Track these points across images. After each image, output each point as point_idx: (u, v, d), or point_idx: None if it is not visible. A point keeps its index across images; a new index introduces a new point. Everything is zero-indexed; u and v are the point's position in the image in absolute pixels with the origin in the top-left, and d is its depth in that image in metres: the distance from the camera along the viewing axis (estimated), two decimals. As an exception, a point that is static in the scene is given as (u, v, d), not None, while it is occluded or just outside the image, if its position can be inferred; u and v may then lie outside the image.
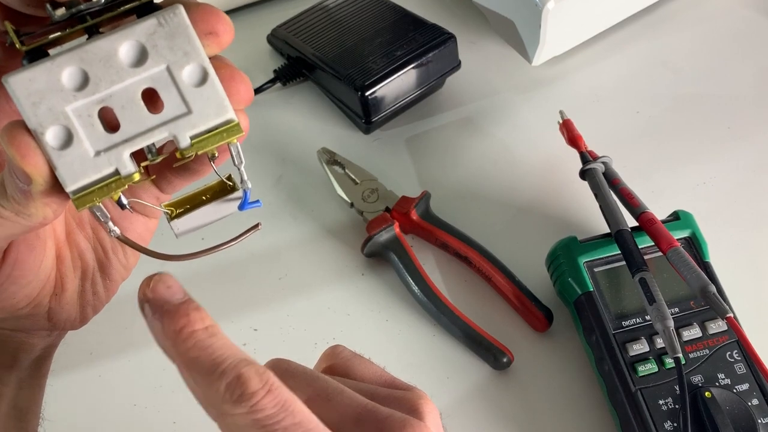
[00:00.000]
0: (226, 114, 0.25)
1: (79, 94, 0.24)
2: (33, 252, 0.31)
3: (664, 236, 0.46)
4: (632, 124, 0.62)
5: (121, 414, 0.48)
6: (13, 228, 0.27)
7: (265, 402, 0.22)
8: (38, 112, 0.24)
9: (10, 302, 0.31)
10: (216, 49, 0.26)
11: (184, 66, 0.25)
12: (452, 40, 0.61)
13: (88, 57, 0.24)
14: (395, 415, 0.25)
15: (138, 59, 0.24)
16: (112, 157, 0.25)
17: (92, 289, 0.35)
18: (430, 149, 0.61)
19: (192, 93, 0.25)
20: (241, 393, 0.22)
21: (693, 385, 0.43)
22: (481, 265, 0.51)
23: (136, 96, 0.25)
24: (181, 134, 0.25)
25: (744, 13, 0.70)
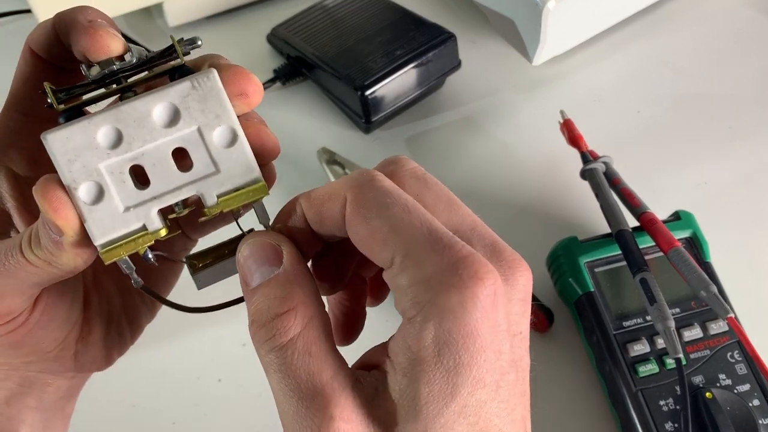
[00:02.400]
0: (252, 174, 0.26)
1: (112, 152, 0.25)
2: (62, 297, 0.31)
3: (664, 236, 0.46)
4: (633, 124, 0.62)
5: (121, 414, 0.48)
6: (44, 276, 0.27)
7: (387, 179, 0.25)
8: (73, 168, 0.25)
9: (40, 346, 0.32)
10: (246, 109, 0.26)
11: (215, 128, 0.26)
12: (452, 40, 0.61)
13: (123, 117, 0.25)
14: (503, 243, 0.25)
15: (171, 120, 0.25)
16: (141, 214, 0.25)
17: (117, 331, 0.35)
18: (430, 149, 0.61)
19: (221, 154, 0.26)
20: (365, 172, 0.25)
21: (694, 386, 0.43)
22: (482, 265, 0.51)
23: (167, 155, 0.25)
24: (208, 192, 0.26)
25: (745, 13, 0.70)
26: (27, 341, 0.31)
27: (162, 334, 0.49)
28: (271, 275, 0.25)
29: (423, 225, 0.23)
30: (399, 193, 0.24)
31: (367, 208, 0.24)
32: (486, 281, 0.22)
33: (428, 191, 0.26)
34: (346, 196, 0.25)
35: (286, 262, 0.25)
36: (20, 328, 0.30)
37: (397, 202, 0.24)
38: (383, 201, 0.24)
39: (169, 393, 0.48)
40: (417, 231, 0.23)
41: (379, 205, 0.24)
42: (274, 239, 0.26)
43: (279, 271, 0.25)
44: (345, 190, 0.25)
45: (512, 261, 0.25)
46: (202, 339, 0.49)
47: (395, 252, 0.23)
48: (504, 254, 0.25)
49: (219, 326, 0.44)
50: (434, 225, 0.24)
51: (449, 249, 0.23)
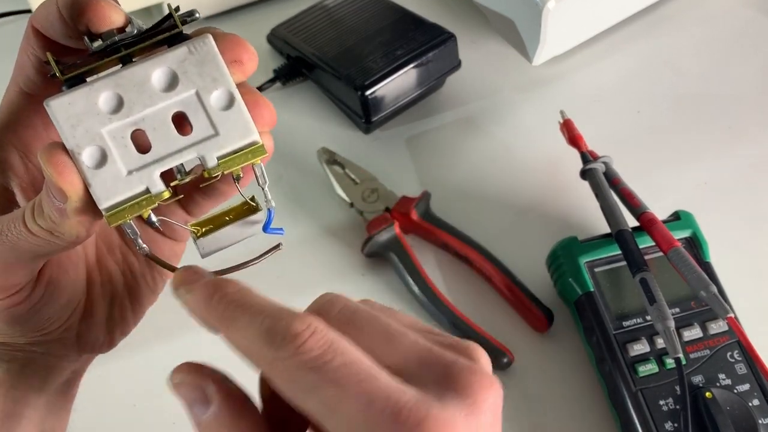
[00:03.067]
0: (251, 136, 0.27)
1: (114, 116, 0.26)
2: (66, 274, 0.32)
3: (664, 236, 0.46)
4: (633, 124, 0.62)
5: (121, 414, 0.48)
6: (46, 247, 0.27)
7: (310, 343, 0.22)
8: (76, 133, 0.25)
9: (43, 324, 0.32)
10: (241, 77, 0.27)
11: (212, 91, 0.26)
12: (452, 40, 0.61)
13: (123, 82, 0.26)
14: (461, 361, 0.23)
15: (169, 84, 0.26)
16: (144, 176, 0.26)
17: (120, 313, 0.35)
18: (430, 149, 0.61)
19: (219, 116, 0.26)
20: (284, 336, 0.22)
21: (694, 386, 0.43)
22: (482, 265, 0.51)
23: (167, 119, 0.26)
24: (209, 155, 0.26)
25: (745, 13, 0.70)
26: (31, 318, 0.31)
27: (162, 334, 0.50)
28: (203, 415, 0.24)
29: (360, 400, 0.21)
30: (328, 361, 0.21)
31: (295, 390, 0.22)
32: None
33: (362, 335, 0.23)
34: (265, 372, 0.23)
35: (213, 405, 0.24)
36: (24, 302, 0.30)
37: (326, 377, 0.21)
38: (310, 381, 0.21)
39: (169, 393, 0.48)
40: (354, 412, 0.21)
41: (307, 388, 0.22)
42: (197, 378, 0.25)
43: (210, 413, 0.24)
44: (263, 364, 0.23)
45: (472, 387, 0.22)
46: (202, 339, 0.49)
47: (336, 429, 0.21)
48: (461, 382, 0.22)
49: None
50: (374, 392, 0.21)
51: (395, 423, 0.21)
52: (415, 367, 0.23)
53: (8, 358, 0.33)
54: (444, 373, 0.23)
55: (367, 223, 0.54)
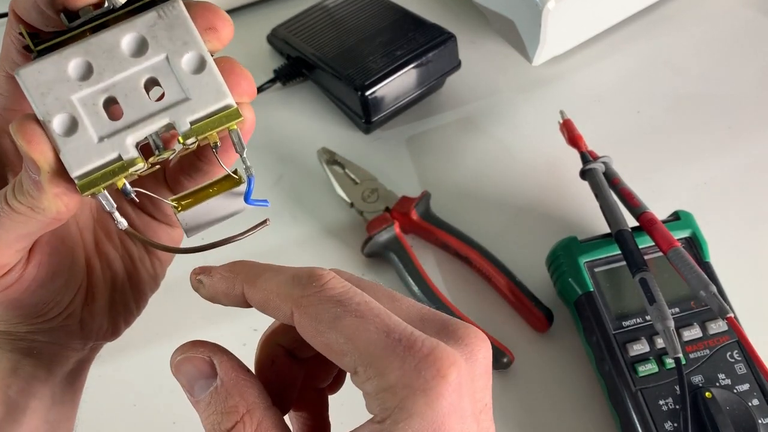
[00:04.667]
0: (224, 99, 0.26)
1: (84, 83, 0.25)
2: (58, 255, 0.32)
3: (664, 236, 0.46)
4: (633, 124, 0.62)
5: (121, 414, 0.48)
6: (30, 225, 0.27)
7: (333, 282, 0.24)
8: (46, 101, 0.25)
9: (42, 309, 0.32)
10: (217, 45, 0.26)
11: (183, 54, 0.26)
12: (452, 40, 0.61)
13: (93, 49, 0.25)
14: (457, 321, 0.25)
15: (139, 50, 0.26)
16: (115, 143, 0.25)
17: (122, 300, 0.35)
18: (430, 149, 0.61)
19: (191, 80, 0.26)
20: (309, 277, 0.25)
21: (693, 386, 0.43)
22: (482, 265, 0.51)
23: (138, 85, 0.26)
24: (181, 120, 0.26)
25: (745, 13, 0.69)
26: (27, 301, 0.31)
27: (162, 334, 0.50)
28: (210, 387, 0.25)
29: (379, 329, 0.23)
30: (349, 297, 0.24)
31: (319, 322, 0.24)
32: (449, 377, 0.23)
33: (370, 293, 0.26)
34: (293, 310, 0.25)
35: (221, 374, 0.25)
36: (16, 284, 0.30)
37: (349, 309, 0.24)
38: (334, 312, 0.24)
39: (169, 393, 0.48)
40: (373, 338, 0.23)
41: (331, 318, 0.24)
42: (204, 351, 0.26)
43: (216, 384, 0.25)
44: (291, 304, 0.25)
45: (468, 338, 0.25)
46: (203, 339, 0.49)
47: (356, 363, 0.23)
48: (458, 333, 0.25)
49: (219, 326, 0.44)
50: (390, 324, 0.24)
51: (409, 350, 0.23)
52: (417, 322, 0.25)
53: (10, 348, 0.33)
54: (442, 326, 0.25)
55: (367, 223, 0.54)
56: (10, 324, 0.32)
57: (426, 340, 0.23)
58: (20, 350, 0.33)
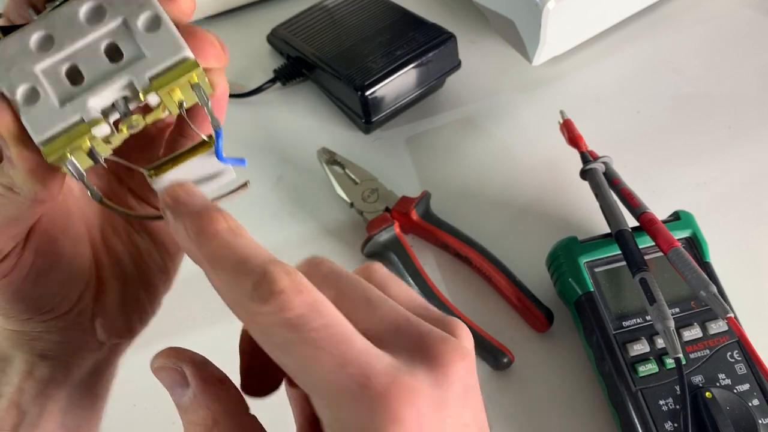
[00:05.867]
0: (181, 52, 0.26)
1: (45, 54, 0.26)
2: (58, 245, 0.32)
3: (664, 236, 0.46)
4: (633, 124, 0.62)
5: (121, 414, 0.48)
6: (12, 207, 0.27)
7: (295, 302, 0.21)
8: (10, 75, 0.26)
9: (50, 303, 0.32)
10: (178, 14, 0.27)
11: (139, 15, 0.26)
12: (452, 40, 0.61)
13: (53, 23, 0.26)
14: (436, 331, 0.23)
15: (97, 17, 0.26)
16: (77, 106, 0.26)
17: (133, 295, 0.35)
18: (430, 149, 0.61)
19: (148, 38, 0.26)
20: (270, 291, 0.21)
21: (693, 386, 0.43)
22: (482, 265, 0.51)
23: (98, 50, 0.26)
24: (140, 76, 0.26)
25: (745, 13, 0.69)
26: (28, 291, 0.31)
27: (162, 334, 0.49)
28: (184, 396, 0.25)
29: (334, 361, 0.21)
30: (305, 322, 0.21)
31: (270, 343, 0.22)
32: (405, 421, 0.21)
33: (343, 297, 0.24)
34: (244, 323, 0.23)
35: (192, 385, 0.24)
36: (14, 271, 0.30)
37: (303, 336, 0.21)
38: (286, 338, 0.21)
39: (169, 393, 0.48)
40: (326, 371, 0.21)
41: (282, 343, 0.22)
42: (175, 361, 0.25)
43: (188, 396, 0.24)
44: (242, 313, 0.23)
45: (443, 354, 0.22)
46: (203, 338, 0.49)
47: (309, 391, 0.22)
48: (431, 349, 0.23)
49: (219, 326, 0.44)
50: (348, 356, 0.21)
51: (363, 388, 0.21)
52: (390, 334, 0.23)
53: (26, 349, 0.33)
54: (417, 342, 0.23)
55: (367, 223, 0.54)
56: (22, 321, 0.32)
57: (383, 375, 0.21)
58: (36, 351, 0.33)
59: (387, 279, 0.27)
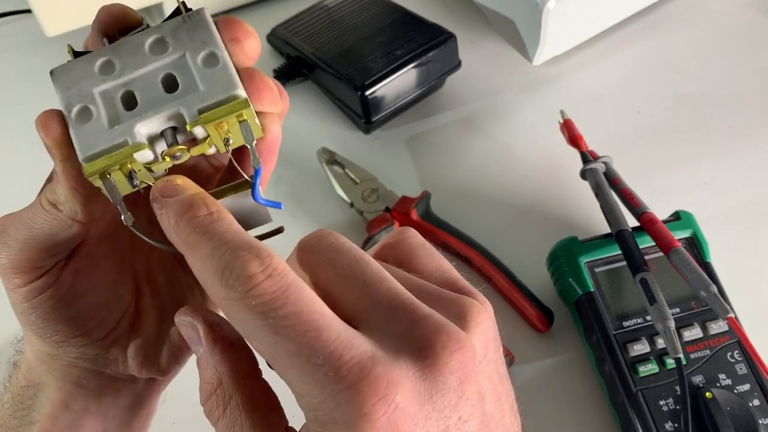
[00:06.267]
0: (233, 89, 0.26)
1: (106, 78, 0.27)
2: (98, 268, 0.32)
3: (665, 236, 0.46)
4: (633, 123, 0.62)
5: (121, 414, 0.48)
6: (54, 224, 0.28)
7: (262, 287, 0.21)
8: (69, 94, 0.27)
9: (85, 327, 0.31)
10: (242, 56, 0.27)
11: (201, 51, 0.27)
12: (452, 40, 0.61)
13: (120, 50, 0.27)
14: (433, 318, 0.22)
15: (160, 48, 0.27)
16: (125, 129, 0.26)
17: (170, 332, 0.34)
18: (430, 149, 0.61)
19: (204, 73, 0.27)
20: (238, 276, 0.21)
21: (694, 386, 0.43)
22: (482, 266, 0.51)
23: (155, 80, 0.27)
24: (189, 108, 0.26)
25: (745, 13, 0.70)
26: (64, 311, 0.31)
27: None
28: (198, 353, 0.25)
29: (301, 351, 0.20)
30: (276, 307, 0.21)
31: (241, 329, 0.22)
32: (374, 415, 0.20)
33: (337, 276, 0.23)
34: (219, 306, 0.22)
35: (203, 344, 0.24)
36: (52, 289, 0.30)
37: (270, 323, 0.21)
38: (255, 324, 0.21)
39: (169, 393, 0.48)
40: (293, 361, 0.20)
41: (251, 330, 0.21)
42: (191, 317, 0.25)
43: (200, 354, 0.25)
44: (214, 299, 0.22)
45: (434, 343, 0.21)
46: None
47: (283, 379, 0.21)
48: (422, 336, 0.21)
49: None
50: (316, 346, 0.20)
51: (332, 378, 0.20)
52: (382, 318, 0.22)
53: (60, 374, 0.32)
54: (408, 328, 0.22)
55: (367, 223, 0.54)
56: (56, 342, 0.31)
57: (354, 368, 0.20)
58: (71, 379, 0.32)
59: (416, 249, 0.26)
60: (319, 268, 0.23)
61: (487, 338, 0.23)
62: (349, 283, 0.23)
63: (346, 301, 0.23)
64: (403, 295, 0.23)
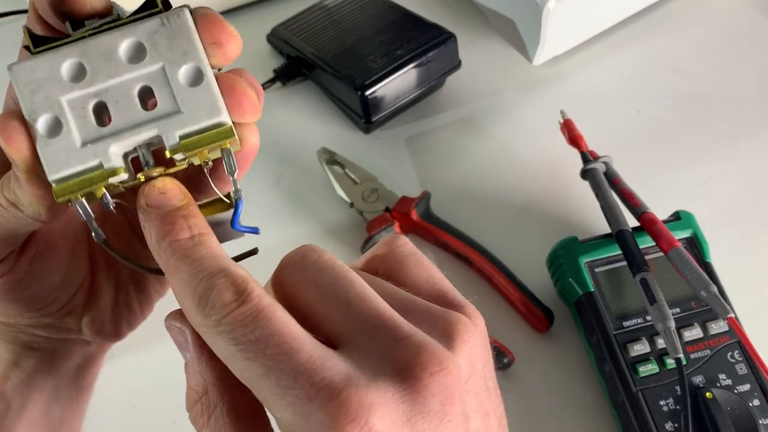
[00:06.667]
0: (218, 116, 0.25)
1: (75, 85, 0.24)
2: (54, 251, 0.31)
3: (665, 236, 0.46)
4: (633, 123, 0.62)
5: (121, 414, 0.48)
6: (14, 222, 0.27)
7: (234, 315, 0.21)
8: (34, 99, 0.24)
9: (41, 303, 0.32)
10: (222, 60, 0.25)
11: (181, 65, 0.25)
12: (452, 40, 0.61)
13: (89, 51, 0.24)
14: (415, 338, 0.21)
15: (136, 56, 0.25)
16: (98, 150, 0.24)
17: (126, 301, 0.35)
18: (430, 149, 0.61)
19: (186, 92, 0.25)
20: (213, 305, 0.21)
21: (694, 386, 0.43)
22: (482, 266, 0.51)
23: (131, 93, 0.25)
24: (170, 132, 0.24)
25: (745, 13, 0.69)
26: (22, 293, 0.31)
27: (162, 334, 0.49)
28: (186, 359, 0.25)
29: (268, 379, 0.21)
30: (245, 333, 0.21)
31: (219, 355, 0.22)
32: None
33: (318, 294, 0.23)
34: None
35: (190, 349, 0.24)
36: (8, 275, 0.30)
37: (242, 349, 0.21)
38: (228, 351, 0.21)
39: (169, 393, 0.48)
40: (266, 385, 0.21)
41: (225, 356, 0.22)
42: (180, 322, 0.24)
43: (187, 360, 0.24)
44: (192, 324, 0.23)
45: (414, 364, 0.21)
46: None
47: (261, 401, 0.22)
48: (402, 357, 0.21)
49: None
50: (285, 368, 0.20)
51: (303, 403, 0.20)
52: (364, 337, 0.22)
53: (11, 339, 0.33)
54: (389, 348, 0.21)
55: (367, 223, 0.54)
56: (8, 315, 0.32)
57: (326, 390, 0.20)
58: (22, 343, 0.33)
59: (405, 259, 0.26)
60: (302, 287, 0.23)
61: (474, 355, 0.23)
62: (331, 303, 0.23)
63: (329, 321, 0.23)
64: (385, 313, 0.22)
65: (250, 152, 0.27)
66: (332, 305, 0.23)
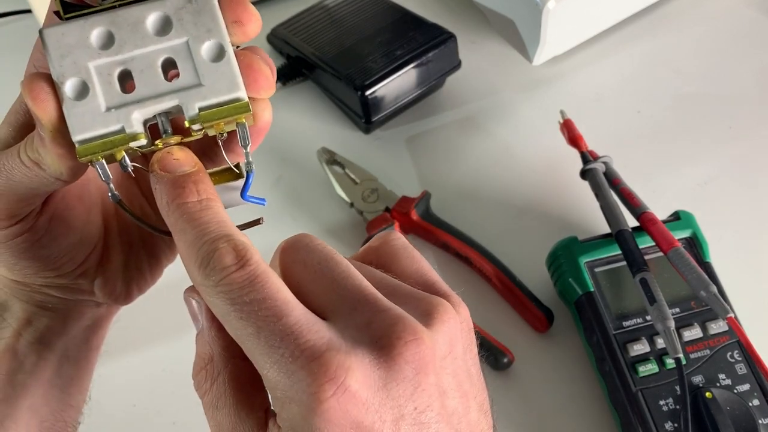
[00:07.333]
0: (236, 92, 0.26)
1: (103, 52, 0.26)
2: (73, 211, 0.32)
3: (664, 236, 0.46)
4: (633, 123, 0.62)
5: (121, 414, 0.48)
6: (36, 180, 0.28)
7: (233, 277, 0.23)
8: (63, 63, 0.26)
9: (56, 263, 0.33)
10: (242, 38, 0.27)
11: (205, 41, 0.26)
12: (452, 40, 0.61)
13: (118, 20, 0.26)
14: (393, 311, 0.23)
15: (163, 29, 0.26)
16: (121, 115, 0.26)
17: (136, 264, 0.36)
18: (430, 149, 0.61)
19: (207, 67, 0.26)
20: (214, 266, 0.23)
21: (694, 386, 0.43)
22: (482, 266, 0.51)
23: (155, 63, 0.26)
24: (190, 104, 0.26)
25: (745, 13, 0.70)
26: (39, 252, 0.32)
27: (162, 334, 0.50)
28: (198, 328, 0.26)
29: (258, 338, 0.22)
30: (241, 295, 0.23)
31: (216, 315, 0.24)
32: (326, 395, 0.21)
33: (309, 273, 0.25)
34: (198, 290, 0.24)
35: (202, 320, 0.25)
36: (28, 233, 0.31)
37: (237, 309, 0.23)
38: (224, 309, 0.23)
39: (169, 393, 0.48)
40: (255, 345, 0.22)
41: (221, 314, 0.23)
42: (197, 295, 0.25)
43: (198, 330, 0.26)
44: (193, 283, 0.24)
45: (390, 334, 0.22)
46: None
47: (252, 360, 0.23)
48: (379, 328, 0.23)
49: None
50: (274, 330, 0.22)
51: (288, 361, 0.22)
52: (346, 310, 0.24)
53: (26, 299, 0.34)
54: (369, 319, 0.23)
55: (367, 223, 0.54)
56: (25, 275, 0.33)
57: (310, 351, 0.22)
58: (35, 302, 0.34)
59: (397, 251, 0.28)
60: (293, 266, 0.25)
61: (454, 336, 0.24)
62: (318, 279, 0.25)
63: (315, 296, 0.24)
64: (367, 289, 0.24)
65: (263, 127, 0.29)
66: (319, 282, 0.25)
